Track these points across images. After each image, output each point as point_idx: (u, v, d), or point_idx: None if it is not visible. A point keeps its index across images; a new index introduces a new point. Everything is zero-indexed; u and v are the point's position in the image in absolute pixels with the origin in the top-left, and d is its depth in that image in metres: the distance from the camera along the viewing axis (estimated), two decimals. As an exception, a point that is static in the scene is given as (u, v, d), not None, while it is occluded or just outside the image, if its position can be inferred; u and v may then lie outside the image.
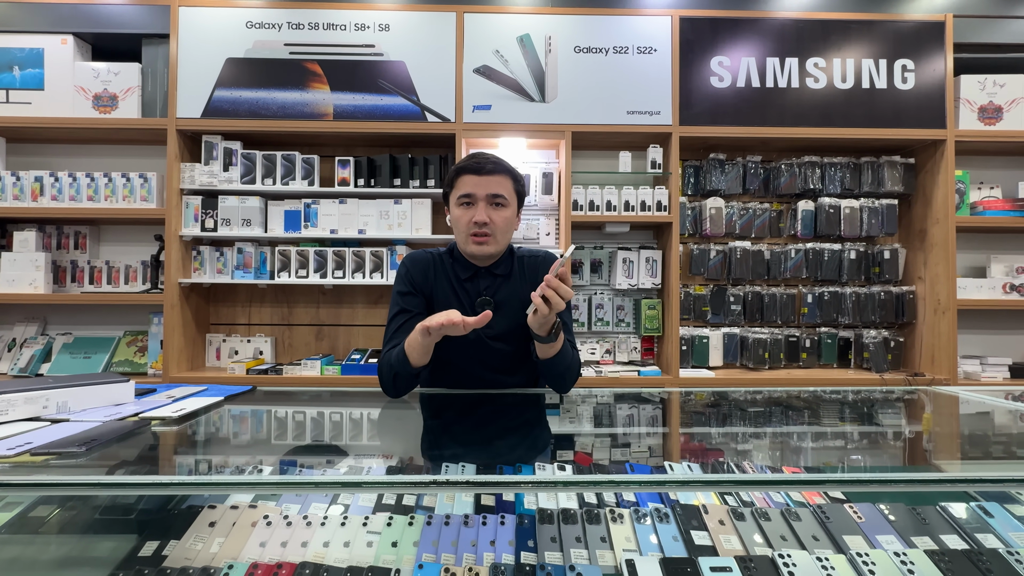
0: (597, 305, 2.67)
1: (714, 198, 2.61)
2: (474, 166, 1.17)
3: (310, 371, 2.40)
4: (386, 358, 1.18)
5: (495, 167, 1.18)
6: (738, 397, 1.36)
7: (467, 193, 1.17)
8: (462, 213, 1.19)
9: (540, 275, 1.22)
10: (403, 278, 1.25)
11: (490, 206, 1.18)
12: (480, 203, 1.17)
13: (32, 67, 2.41)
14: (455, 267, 1.26)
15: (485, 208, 1.17)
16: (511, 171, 1.21)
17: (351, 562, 0.85)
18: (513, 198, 1.22)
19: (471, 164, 1.18)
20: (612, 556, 0.88)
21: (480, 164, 1.17)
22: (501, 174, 1.19)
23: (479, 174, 1.17)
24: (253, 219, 2.43)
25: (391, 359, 1.16)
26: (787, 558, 0.84)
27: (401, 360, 1.13)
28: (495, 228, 1.19)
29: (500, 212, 1.19)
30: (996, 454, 0.97)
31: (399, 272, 1.27)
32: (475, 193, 1.17)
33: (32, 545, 0.89)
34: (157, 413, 0.91)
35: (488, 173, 1.17)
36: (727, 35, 2.47)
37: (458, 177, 1.19)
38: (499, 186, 1.18)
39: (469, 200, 1.18)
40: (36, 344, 2.53)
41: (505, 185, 1.20)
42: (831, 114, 2.47)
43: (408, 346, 1.11)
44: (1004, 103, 2.53)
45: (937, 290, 2.50)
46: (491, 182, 1.18)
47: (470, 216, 1.18)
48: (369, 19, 2.42)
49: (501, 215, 1.19)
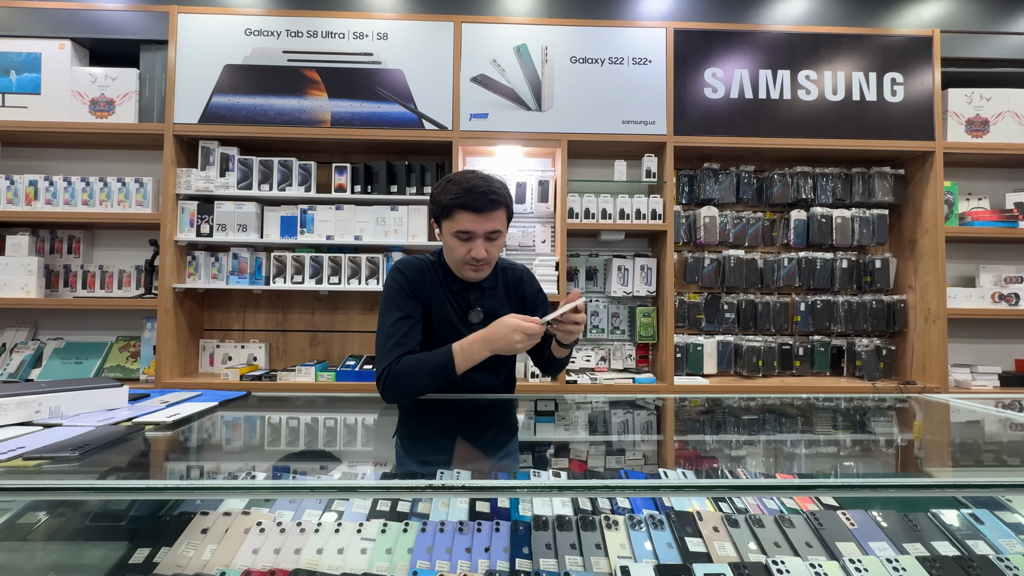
0: (592, 312, 2.68)
1: (708, 207, 2.63)
2: (473, 205, 1.16)
3: (304, 377, 2.39)
4: (406, 366, 1.15)
5: (494, 204, 1.18)
6: (732, 404, 1.37)
7: (466, 231, 1.19)
8: (459, 245, 1.21)
9: (522, 288, 1.37)
10: (401, 284, 1.25)
11: (487, 240, 1.21)
12: (479, 239, 1.20)
13: (29, 71, 2.41)
14: (446, 278, 1.29)
15: (484, 244, 1.20)
16: (505, 202, 1.22)
17: (345, 569, 0.84)
18: (506, 225, 1.25)
19: (470, 202, 1.16)
20: (607, 563, 0.88)
21: (480, 205, 1.16)
22: (499, 209, 1.20)
23: (478, 213, 1.17)
24: (249, 224, 2.43)
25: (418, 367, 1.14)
26: (780, 564, 0.85)
27: (443, 369, 1.13)
28: (490, 258, 1.23)
29: (495, 244, 1.23)
30: (985, 460, 0.98)
31: (394, 277, 1.26)
32: (474, 231, 1.19)
33: (20, 552, 0.88)
34: (151, 418, 0.91)
35: (487, 212, 1.18)
36: (721, 47, 2.51)
37: (455, 211, 1.18)
38: (496, 222, 1.20)
39: (468, 236, 1.20)
40: (26, 349, 2.51)
41: (500, 219, 1.22)
42: (822, 125, 2.51)
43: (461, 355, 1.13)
44: (991, 116, 2.58)
45: (927, 299, 2.53)
46: (489, 220, 1.19)
47: (468, 249, 1.20)
48: (368, 28, 2.44)
49: (496, 246, 1.23)
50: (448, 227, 1.21)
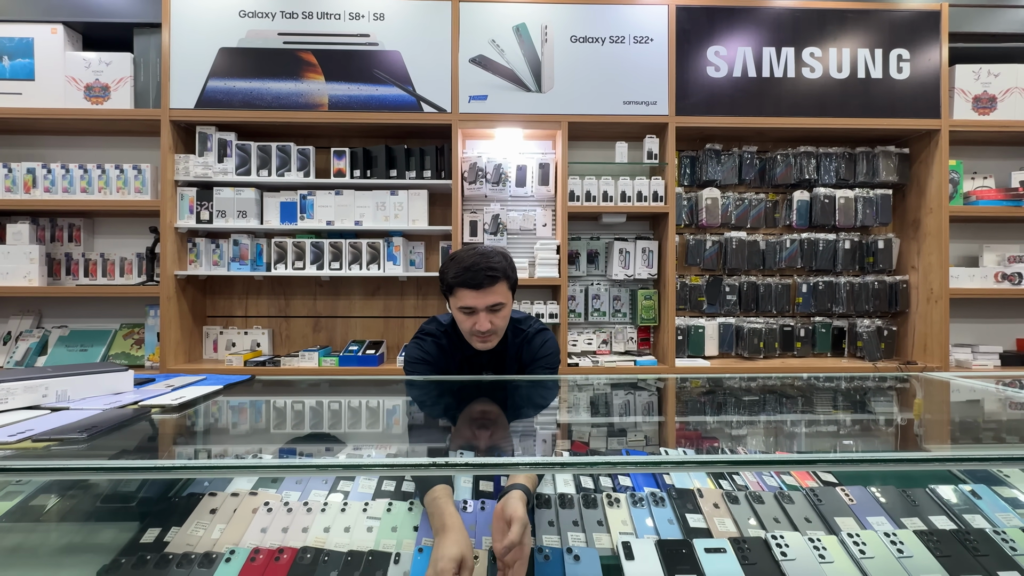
0: (594, 296, 2.68)
1: (710, 188, 2.61)
2: (472, 282, 1.22)
3: (308, 363, 2.41)
4: None
5: (491, 279, 1.23)
6: (732, 384, 1.38)
7: (469, 306, 1.25)
8: (464, 319, 1.28)
9: (523, 354, 1.38)
10: (419, 356, 1.35)
11: (490, 313, 1.26)
12: (481, 313, 1.25)
13: (22, 57, 2.38)
14: (460, 344, 1.36)
15: (487, 316, 1.26)
16: (506, 275, 1.27)
17: (352, 546, 0.86)
18: (509, 296, 1.29)
19: (468, 279, 1.22)
20: (609, 539, 0.90)
21: (478, 282, 1.22)
22: (498, 283, 1.25)
23: (477, 289, 1.23)
24: (249, 211, 2.42)
25: None
26: (780, 539, 0.86)
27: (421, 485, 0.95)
28: (496, 328, 1.28)
29: (500, 315, 1.28)
30: (981, 435, 0.99)
31: (415, 348, 1.37)
32: (476, 306, 1.25)
33: (34, 533, 0.90)
34: (156, 401, 0.91)
35: (486, 288, 1.23)
36: (723, 24, 2.46)
37: (457, 289, 1.25)
38: (497, 295, 1.25)
39: (471, 311, 1.26)
40: (32, 337, 2.53)
41: (502, 291, 1.26)
42: (826, 104, 2.47)
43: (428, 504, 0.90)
44: (998, 92, 2.54)
45: (930, 279, 2.53)
46: (489, 295, 1.24)
47: (473, 322, 1.26)
48: (363, 8, 2.40)
49: (501, 316, 1.28)
50: (454, 302, 1.28)
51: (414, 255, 2.61)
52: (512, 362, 1.39)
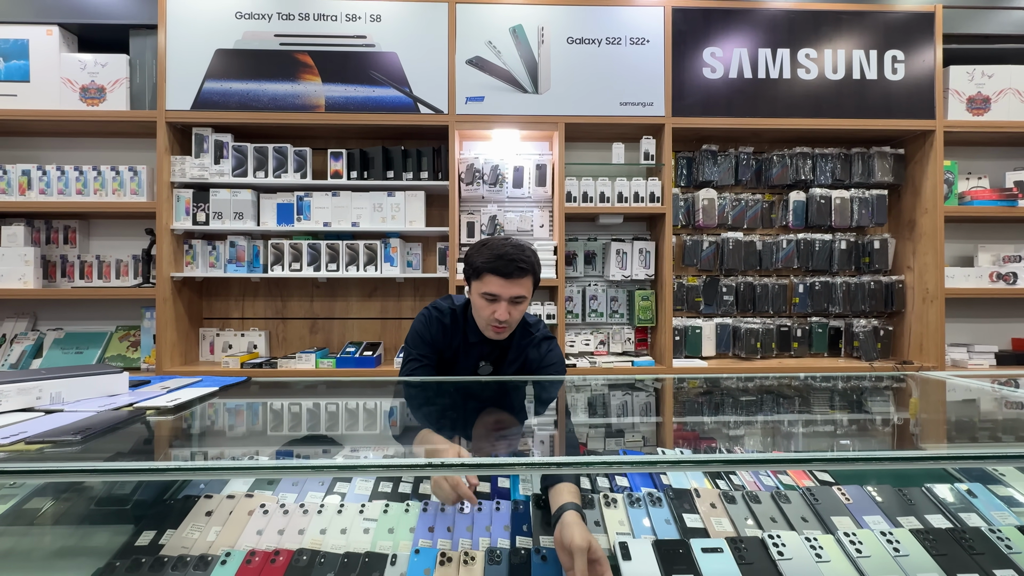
0: (591, 296, 2.68)
1: (707, 189, 2.62)
2: (502, 271, 1.23)
3: (305, 364, 2.40)
4: None
5: (521, 272, 1.24)
6: (729, 385, 1.38)
7: (493, 293, 1.25)
8: (485, 305, 1.27)
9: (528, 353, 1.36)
10: (422, 333, 1.35)
11: (511, 304, 1.27)
12: (503, 302, 1.26)
13: (17, 58, 2.37)
14: (467, 329, 1.36)
15: (508, 307, 1.26)
16: (534, 271, 1.28)
17: (348, 548, 0.86)
18: (531, 292, 1.31)
19: (500, 267, 1.23)
20: (606, 539, 0.90)
21: (508, 271, 1.23)
22: (526, 276, 1.26)
23: (507, 279, 1.24)
24: (245, 212, 2.42)
25: None
26: (777, 539, 0.86)
27: None
28: (512, 321, 1.29)
29: (519, 307, 1.29)
30: (977, 433, 1.00)
31: (420, 321, 1.37)
32: (500, 295, 1.25)
33: (29, 536, 0.89)
34: (152, 403, 0.91)
35: (515, 279, 1.24)
36: (719, 26, 2.47)
37: (485, 274, 1.25)
38: (522, 288, 1.26)
39: (494, 298, 1.26)
40: (27, 340, 2.51)
41: (527, 285, 1.27)
42: (822, 105, 2.48)
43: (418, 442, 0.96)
44: (992, 93, 2.56)
45: (926, 279, 2.54)
46: (515, 286, 1.25)
47: (492, 311, 1.26)
48: (360, 9, 2.40)
49: (520, 309, 1.29)
50: (477, 287, 1.28)
51: (411, 256, 2.61)
52: (512, 360, 1.38)
